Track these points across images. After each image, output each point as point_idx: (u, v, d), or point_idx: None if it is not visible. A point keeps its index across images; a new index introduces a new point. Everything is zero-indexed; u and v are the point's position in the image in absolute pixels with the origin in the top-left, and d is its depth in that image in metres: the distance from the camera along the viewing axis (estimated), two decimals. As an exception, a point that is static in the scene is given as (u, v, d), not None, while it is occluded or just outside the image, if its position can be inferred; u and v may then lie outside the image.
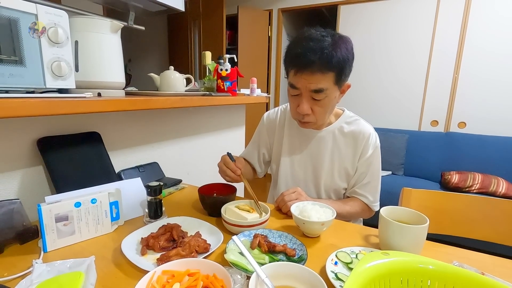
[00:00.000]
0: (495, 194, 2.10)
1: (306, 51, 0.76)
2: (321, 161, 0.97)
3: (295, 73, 0.81)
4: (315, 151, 0.98)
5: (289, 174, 1.03)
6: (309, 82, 0.79)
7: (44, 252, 0.64)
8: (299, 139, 1.00)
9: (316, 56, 0.75)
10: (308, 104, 0.83)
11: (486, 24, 2.47)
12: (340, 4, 3.05)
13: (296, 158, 1.01)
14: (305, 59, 0.76)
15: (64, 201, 0.67)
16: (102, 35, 0.88)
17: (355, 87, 3.08)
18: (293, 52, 0.81)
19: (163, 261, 0.58)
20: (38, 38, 0.69)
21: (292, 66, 0.81)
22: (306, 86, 0.80)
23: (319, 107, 0.84)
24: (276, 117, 1.07)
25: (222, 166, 0.90)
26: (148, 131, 1.19)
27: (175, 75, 1.20)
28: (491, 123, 2.55)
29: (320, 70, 0.77)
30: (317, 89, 0.79)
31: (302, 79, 0.80)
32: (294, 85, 0.82)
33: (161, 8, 1.33)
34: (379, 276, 0.44)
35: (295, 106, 0.86)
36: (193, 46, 3.48)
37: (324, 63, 0.76)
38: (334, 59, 0.76)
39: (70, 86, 0.75)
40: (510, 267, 0.63)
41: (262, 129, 1.10)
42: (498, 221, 0.87)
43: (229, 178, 0.90)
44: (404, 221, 0.64)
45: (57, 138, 0.84)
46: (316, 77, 0.78)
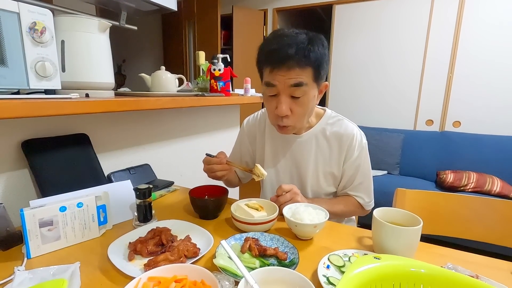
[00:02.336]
0: (490, 193, 2.10)
1: (282, 46, 0.73)
2: (305, 166, 0.94)
3: (271, 70, 0.76)
4: (298, 156, 0.95)
5: (274, 181, 1.00)
6: (288, 77, 0.75)
7: (28, 258, 0.62)
8: (281, 144, 0.97)
9: (292, 50, 0.72)
10: (287, 104, 0.79)
11: (480, 24, 2.48)
12: (335, 4, 3.05)
13: (280, 165, 0.98)
14: (282, 54, 0.73)
15: (49, 205, 0.65)
16: (90, 34, 0.86)
17: (350, 86, 3.09)
18: (267, 49, 0.77)
19: (151, 267, 0.56)
20: (39, 38, 0.68)
21: (268, 64, 0.77)
22: (285, 82, 0.76)
23: (298, 106, 0.80)
24: (255, 122, 1.04)
25: (206, 167, 0.87)
26: (140, 132, 1.17)
27: (166, 75, 1.18)
28: (485, 122, 2.56)
29: (298, 65, 0.74)
30: (297, 82, 0.75)
31: (279, 76, 0.75)
32: (271, 83, 0.77)
33: (153, 7, 1.31)
34: (371, 281, 0.42)
35: (273, 109, 0.81)
36: (188, 46, 3.46)
37: (302, 57, 0.73)
38: (311, 54, 0.73)
39: (56, 87, 0.73)
40: (504, 268, 0.62)
41: (243, 137, 1.06)
42: (492, 221, 0.86)
43: (220, 172, 0.86)
44: (397, 223, 0.63)
45: (43, 140, 0.82)
46: (294, 72, 0.74)
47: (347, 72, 3.11)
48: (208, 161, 0.87)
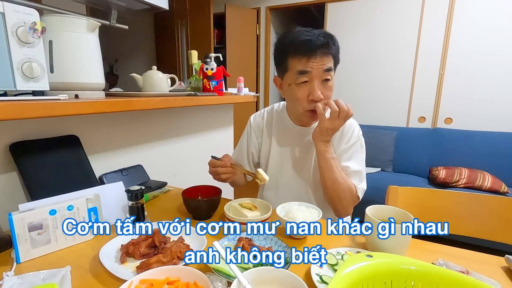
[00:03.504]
0: (481, 188, 2.14)
1: (314, 36, 0.81)
2: (310, 159, 0.96)
3: (308, 59, 0.82)
4: (305, 149, 0.97)
5: (279, 174, 1.01)
6: (322, 63, 0.82)
7: (17, 263, 0.61)
8: (289, 139, 0.99)
9: (323, 39, 0.81)
10: (321, 88, 0.85)
11: (471, 21, 2.51)
12: (327, 2, 3.06)
13: (285, 158, 1.00)
14: (316, 43, 0.81)
15: (38, 208, 0.64)
16: (79, 34, 0.84)
17: (344, 84, 3.10)
18: (297, 41, 0.83)
19: (143, 269, 0.56)
20: (39, 39, 0.67)
21: (301, 52, 0.83)
22: (319, 68, 0.82)
23: (327, 91, 0.86)
24: (262, 119, 1.05)
25: (212, 169, 0.91)
26: (132, 132, 1.16)
27: (158, 75, 1.17)
28: (476, 119, 2.59)
29: (329, 52, 0.83)
30: (328, 67, 0.83)
31: (314, 63, 0.82)
32: (305, 70, 0.83)
33: (144, 6, 1.29)
34: (362, 279, 0.42)
35: (305, 96, 0.86)
36: (181, 45, 3.43)
37: (330, 45, 0.83)
38: (333, 45, 0.84)
39: (43, 88, 0.72)
40: (494, 263, 0.63)
41: (249, 130, 1.08)
42: (482, 216, 0.87)
43: (224, 175, 0.89)
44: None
45: (32, 142, 0.80)
46: (327, 58, 0.83)
47: (340, 70, 3.11)
48: (213, 164, 0.90)
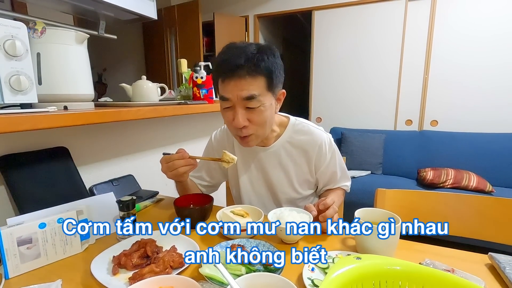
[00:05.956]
0: (467, 188, 2.20)
1: (232, 56, 0.74)
2: (277, 176, 0.94)
3: (223, 81, 0.76)
4: (269, 167, 0.94)
5: (251, 192, 1.00)
6: (240, 89, 0.74)
7: (6, 279, 0.60)
8: (252, 157, 0.96)
9: (241, 59, 0.72)
10: (243, 115, 0.77)
11: (452, 26, 2.62)
12: (314, 10, 3.13)
13: (252, 176, 0.98)
14: (231, 64, 0.73)
15: (27, 222, 0.63)
16: (67, 46, 0.84)
17: (332, 90, 3.16)
18: (218, 60, 0.77)
19: (136, 280, 0.55)
20: (39, 39, 0.68)
21: (219, 75, 0.77)
22: (237, 95, 0.75)
23: (255, 116, 0.78)
24: (224, 134, 1.02)
25: (166, 165, 0.80)
26: (122, 143, 1.16)
27: (147, 85, 1.17)
28: (461, 121, 2.68)
29: (249, 74, 0.73)
30: (249, 95, 0.74)
31: (231, 86, 0.75)
32: (224, 96, 0.77)
33: (132, 16, 1.30)
34: (352, 281, 0.44)
35: (230, 121, 0.79)
36: (170, 54, 3.44)
37: (252, 66, 0.73)
38: (261, 63, 0.74)
39: (32, 101, 0.72)
40: (478, 260, 0.65)
41: (212, 151, 1.03)
42: (467, 215, 0.90)
43: (182, 168, 0.79)
44: (378, 222, 0.65)
45: (20, 155, 0.80)
46: (246, 81, 0.74)
47: (329, 76, 3.18)
48: (168, 159, 0.80)
